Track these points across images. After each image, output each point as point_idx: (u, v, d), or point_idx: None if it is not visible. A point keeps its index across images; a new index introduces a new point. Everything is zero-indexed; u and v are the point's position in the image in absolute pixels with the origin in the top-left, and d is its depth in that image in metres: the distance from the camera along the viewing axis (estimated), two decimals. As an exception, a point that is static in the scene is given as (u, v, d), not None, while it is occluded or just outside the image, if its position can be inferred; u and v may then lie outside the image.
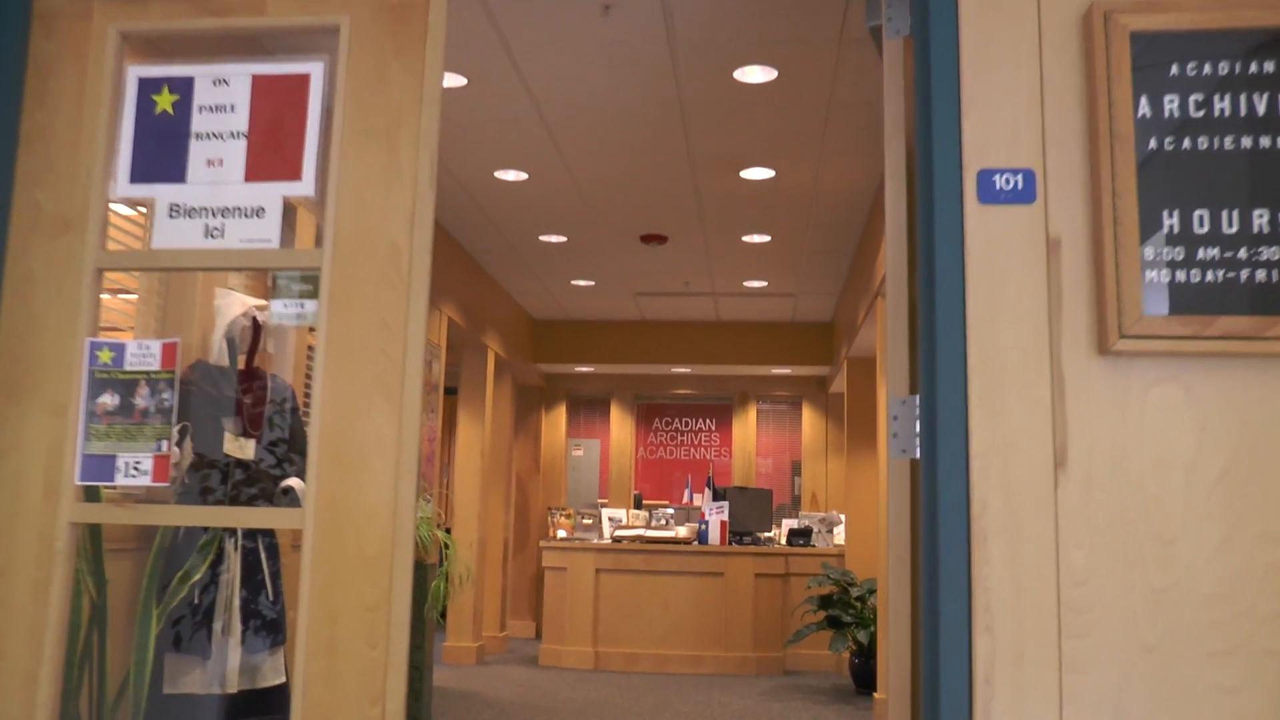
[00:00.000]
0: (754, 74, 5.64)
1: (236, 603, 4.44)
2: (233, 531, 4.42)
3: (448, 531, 10.13)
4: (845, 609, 8.64)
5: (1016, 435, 2.37)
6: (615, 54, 5.49)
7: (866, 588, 8.67)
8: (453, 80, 5.82)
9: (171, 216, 2.80)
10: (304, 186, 2.79)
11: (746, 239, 8.79)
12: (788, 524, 11.17)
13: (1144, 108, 2.40)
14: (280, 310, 2.88)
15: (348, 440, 2.65)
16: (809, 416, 12.86)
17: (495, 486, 11.19)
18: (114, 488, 4.56)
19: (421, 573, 6.44)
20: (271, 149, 2.83)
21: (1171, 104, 2.40)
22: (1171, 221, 2.36)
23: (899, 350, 2.70)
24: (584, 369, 12.71)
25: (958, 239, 2.45)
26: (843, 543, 10.43)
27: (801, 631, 8.73)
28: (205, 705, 4.37)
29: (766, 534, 10.71)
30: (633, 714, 7.46)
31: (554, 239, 8.94)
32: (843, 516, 10.65)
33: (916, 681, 2.51)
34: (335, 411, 2.65)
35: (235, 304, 4.68)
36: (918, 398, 2.55)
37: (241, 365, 4.72)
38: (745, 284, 10.36)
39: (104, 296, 4.38)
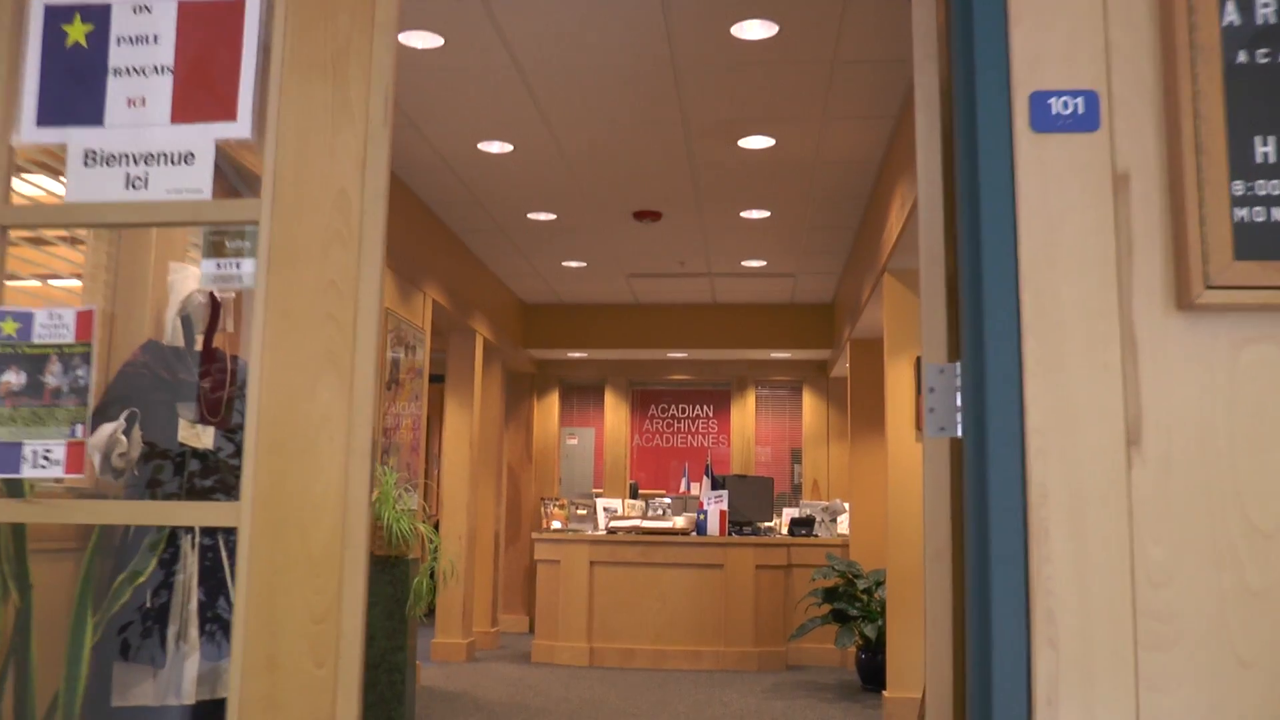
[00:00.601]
0: (753, 29, 5.24)
1: (194, 605, 4.05)
2: (190, 527, 4.04)
3: (435, 526, 9.75)
4: (851, 602, 8.26)
5: (1081, 407, 1.99)
6: (603, 9, 5.09)
7: (873, 579, 8.30)
8: (428, 40, 5.42)
9: (87, 164, 2.40)
10: (239, 128, 2.39)
11: (744, 215, 8.40)
12: (789, 513, 10.79)
13: (1231, 13, 2.01)
14: (212, 272, 2.48)
15: (290, 421, 2.25)
16: (809, 402, 12.48)
17: (485, 477, 10.81)
18: (61, 481, 4.19)
19: (403, 569, 6.06)
20: (201, 86, 2.43)
21: (1266, 8, 2.01)
22: (1266, 149, 1.98)
23: (935, 309, 2.31)
24: (577, 354, 12.32)
25: (1007, 175, 2.07)
26: (847, 532, 10.06)
27: (805, 626, 8.36)
28: (161, 718, 3.99)
29: (767, 524, 10.34)
30: (629, 715, 7.08)
31: (542, 217, 8.54)
32: (846, 505, 10.27)
33: (961, 703, 2.13)
34: (275, 388, 2.26)
35: (191, 278, 4.28)
36: (958, 365, 2.16)
37: (199, 346, 4.33)
38: (743, 263, 9.97)
39: (57, 284, 3.96)
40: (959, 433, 2.16)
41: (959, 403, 2.17)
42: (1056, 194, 2.05)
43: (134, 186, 2.38)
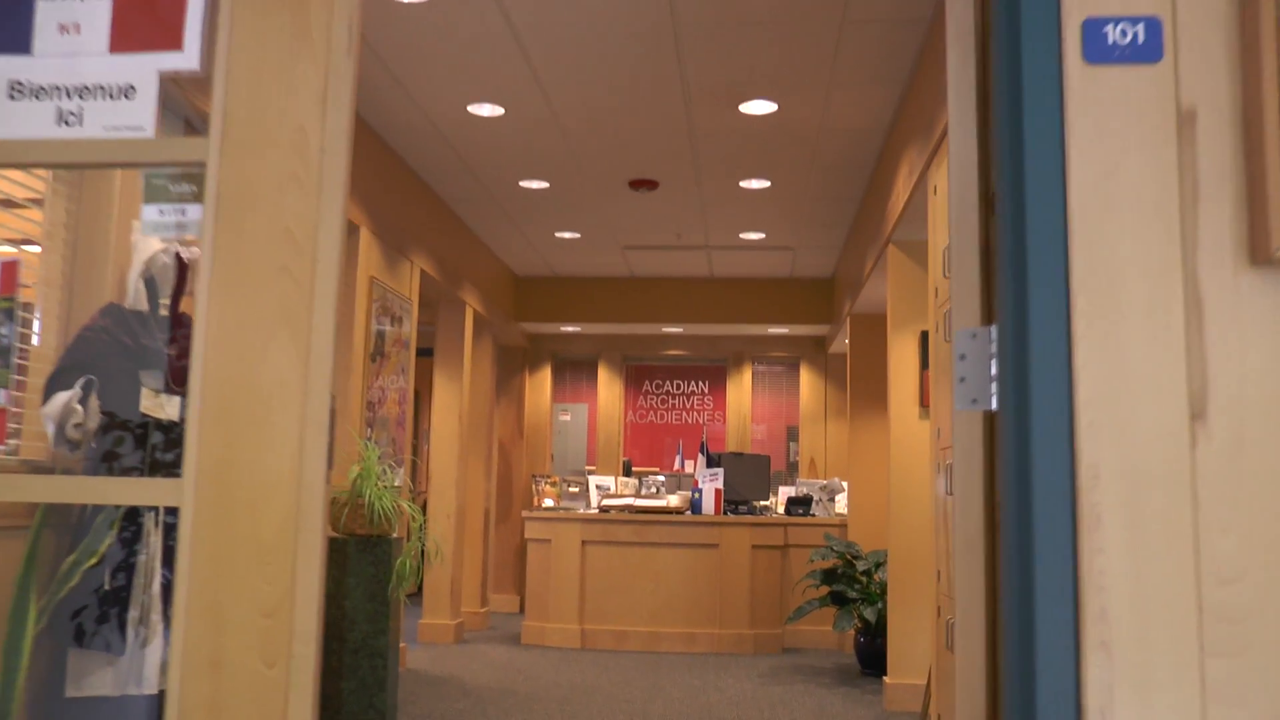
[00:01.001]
0: (757, -17, 4.97)
1: (157, 588, 3.80)
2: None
3: (424, 505, 9.52)
4: (850, 584, 8.03)
5: (1138, 376, 1.74)
6: (599, -41, 4.82)
7: (873, 561, 8.05)
8: (415, -8, 5.14)
9: (13, 97, 2.14)
10: (186, 58, 2.13)
11: (744, 184, 8.13)
12: (785, 492, 10.55)
13: (1319, -74, 1.74)
14: (155, 219, 2.22)
15: (239, 387, 2.00)
16: (807, 378, 12.23)
17: (475, 453, 10.56)
18: (12, 454, 3.93)
19: (385, 549, 5.81)
20: (143, 11, 2.16)
21: (1361, -83, 1.74)
22: (1358, 81, 1.72)
23: (967, 266, 2.05)
24: (570, 328, 12.05)
25: (1055, 114, 1.81)
26: (845, 512, 9.82)
27: (803, 608, 8.12)
28: (121, 708, 3.74)
29: (763, 503, 10.10)
30: (621, 701, 6.85)
31: (535, 185, 8.26)
32: (845, 484, 10.03)
33: (997, 712, 1.88)
34: (222, 349, 2.00)
35: (155, 239, 4.02)
36: (993, 329, 1.91)
37: (164, 310, 4.06)
38: (742, 236, 9.71)
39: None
40: (993, 405, 1.91)
41: (994, 371, 1.91)
42: (1112, 134, 1.79)
43: (66, 123, 2.13)
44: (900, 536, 6.86)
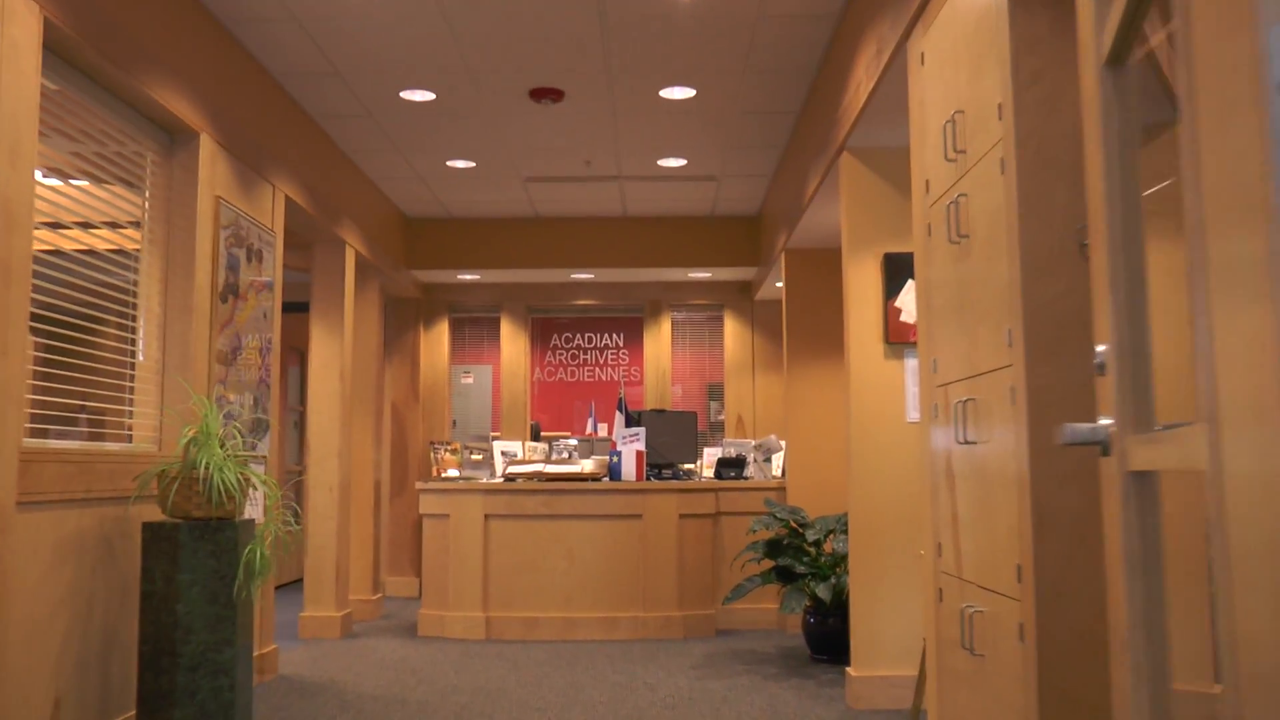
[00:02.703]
0: None
1: None
2: None
3: (297, 483, 8.22)
4: (798, 557, 6.91)
5: None
6: None
7: (823, 528, 6.94)
8: None
9: None
10: None
11: (664, 93, 6.92)
12: (710, 453, 9.43)
13: None
14: None
15: None
16: (732, 328, 11.06)
17: (362, 418, 9.27)
18: None
19: (230, 534, 4.55)
20: None
21: None
22: None
23: None
24: (468, 276, 10.75)
25: None
26: (781, 474, 8.71)
27: (743, 586, 6.99)
28: None
29: (688, 466, 8.97)
30: (532, 709, 5.67)
31: (419, 96, 6.97)
32: (782, 443, 8.93)
33: None
34: None
35: None
36: None
37: None
38: (660, 163, 8.51)
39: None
40: None
41: None
42: None
43: None
44: (864, 499, 5.75)
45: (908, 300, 5.76)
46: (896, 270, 5.78)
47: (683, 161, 8.45)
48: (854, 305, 5.85)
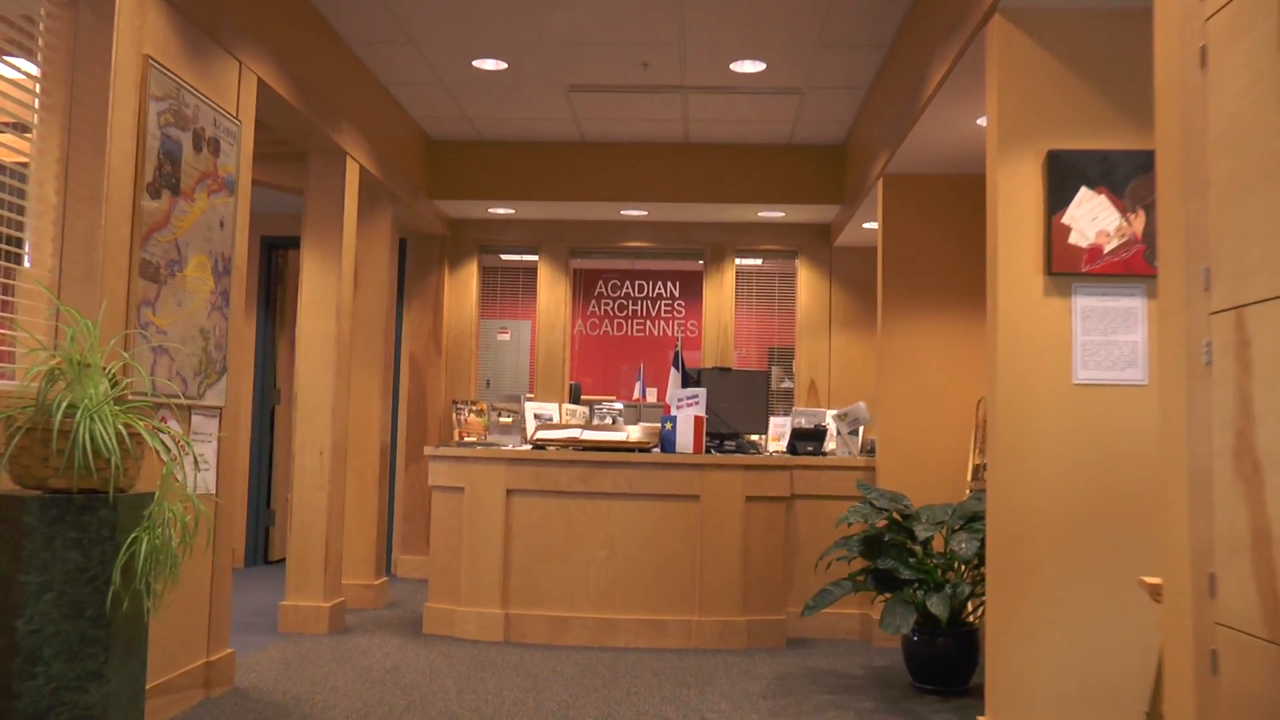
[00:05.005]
0: None
1: None
2: None
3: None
4: (904, 559, 5.38)
5: None
6: None
7: (931, 520, 5.41)
8: None
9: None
10: None
11: (748, -43, 5.39)
12: (779, 423, 7.90)
13: None
14: None
15: None
16: (807, 279, 9.48)
17: (368, 368, 7.80)
18: None
19: (106, 517, 3.08)
20: None
21: None
22: None
23: None
24: (500, 210, 9.23)
25: None
26: (868, 451, 7.16)
27: (828, 592, 5.46)
28: None
29: (754, 437, 7.45)
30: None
31: (432, -46, 5.48)
32: (870, 413, 7.38)
33: None
34: None
35: None
36: None
37: None
38: (733, 67, 6.95)
39: None
40: None
41: None
42: None
43: None
44: (1009, 489, 4.21)
45: (1081, 214, 4.19)
46: (1065, 174, 4.22)
47: (761, 66, 6.90)
48: (1004, 223, 4.29)
